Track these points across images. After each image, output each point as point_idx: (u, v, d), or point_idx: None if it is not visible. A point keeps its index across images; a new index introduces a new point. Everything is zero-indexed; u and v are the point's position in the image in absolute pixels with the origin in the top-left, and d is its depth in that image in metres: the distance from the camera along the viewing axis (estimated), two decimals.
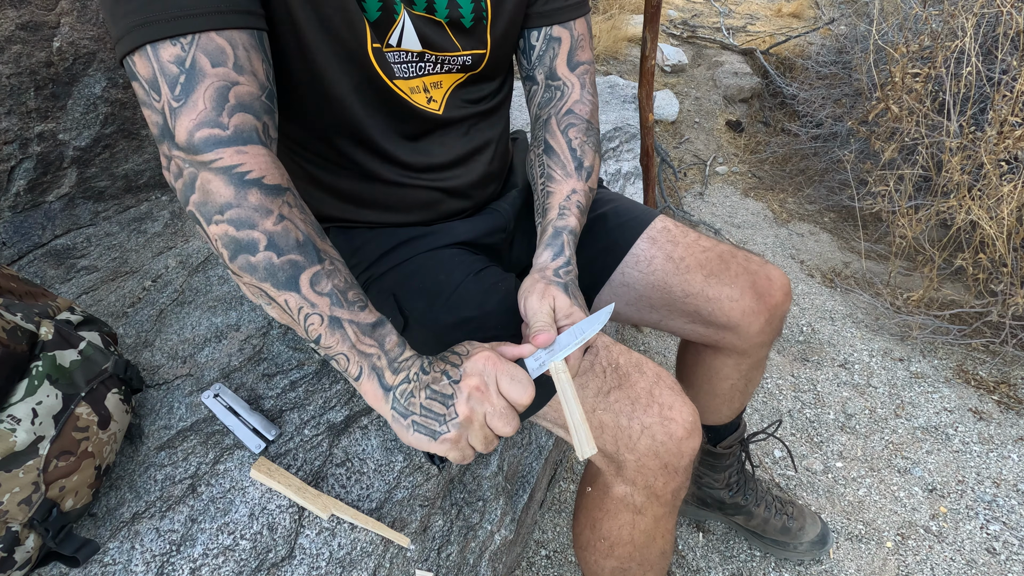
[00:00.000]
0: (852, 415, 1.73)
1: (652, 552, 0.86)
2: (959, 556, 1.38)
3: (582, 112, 0.89)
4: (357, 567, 0.80)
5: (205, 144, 0.58)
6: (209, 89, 0.58)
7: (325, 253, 0.62)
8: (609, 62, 3.46)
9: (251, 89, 0.60)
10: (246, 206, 0.58)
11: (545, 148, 0.88)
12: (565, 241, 0.79)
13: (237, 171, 0.58)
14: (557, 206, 0.83)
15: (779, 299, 0.97)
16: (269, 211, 0.59)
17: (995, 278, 1.88)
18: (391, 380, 0.62)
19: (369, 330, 0.63)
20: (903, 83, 2.08)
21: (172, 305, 1.12)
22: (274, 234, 0.59)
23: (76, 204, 1.22)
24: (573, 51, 0.90)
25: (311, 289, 0.60)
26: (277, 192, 0.60)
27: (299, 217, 0.62)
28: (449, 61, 0.81)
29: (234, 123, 0.59)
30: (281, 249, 0.59)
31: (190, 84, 0.58)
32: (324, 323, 0.61)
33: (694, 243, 0.98)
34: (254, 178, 0.59)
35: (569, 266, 0.77)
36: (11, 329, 0.69)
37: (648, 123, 1.99)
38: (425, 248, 0.88)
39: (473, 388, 0.60)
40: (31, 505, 0.67)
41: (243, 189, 0.58)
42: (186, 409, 0.93)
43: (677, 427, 0.75)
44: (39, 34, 1.07)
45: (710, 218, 2.66)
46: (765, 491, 1.37)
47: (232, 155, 0.58)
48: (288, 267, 0.59)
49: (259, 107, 0.61)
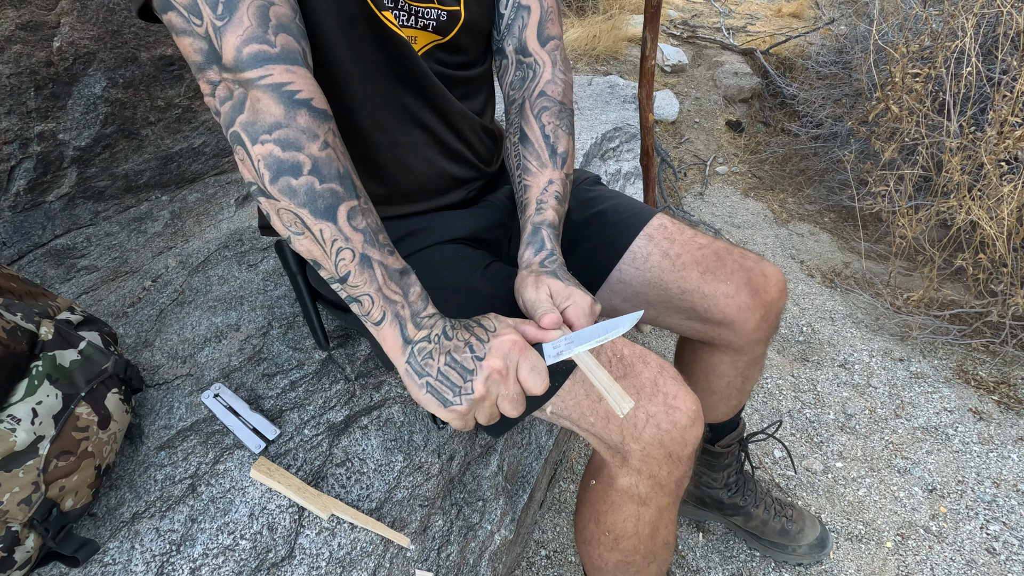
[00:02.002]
0: (852, 415, 1.73)
1: (656, 543, 0.86)
2: (959, 556, 1.38)
3: (554, 93, 0.88)
4: (357, 567, 0.80)
5: (255, 60, 0.58)
6: (251, 7, 0.58)
7: (361, 191, 0.63)
8: (609, 62, 3.46)
9: (287, 11, 0.61)
10: (295, 127, 0.58)
11: (520, 136, 0.87)
12: (544, 236, 0.79)
13: (287, 89, 0.58)
14: (535, 201, 0.83)
15: (775, 295, 0.98)
16: (316, 135, 0.59)
17: (995, 278, 1.88)
18: (412, 334, 0.62)
19: (397, 276, 0.63)
20: (903, 83, 2.08)
21: (172, 305, 1.12)
22: (319, 159, 0.59)
23: (76, 204, 1.22)
24: (543, 23, 0.89)
25: (347, 222, 0.60)
26: (324, 118, 0.60)
27: (341, 149, 0.62)
28: (423, 15, 0.79)
29: (280, 42, 0.59)
30: (324, 176, 0.59)
31: (231, 5, 0.58)
32: (355, 259, 0.61)
33: (690, 240, 0.98)
34: (304, 99, 0.59)
35: (553, 256, 0.78)
36: (11, 329, 0.69)
37: (648, 123, 1.99)
38: (428, 243, 0.87)
39: (495, 370, 0.61)
40: (31, 505, 0.67)
41: (293, 109, 0.58)
42: (186, 409, 0.93)
43: (681, 415, 0.76)
44: (39, 34, 1.07)
45: (710, 218, 2.66)
46: (765, 492, 1.37)
47: (282, 72, 0.59)
48: (328, 195, 0.59)
49: (297, 31, 0.62)
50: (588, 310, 0.70)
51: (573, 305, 0.69)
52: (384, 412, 0.97)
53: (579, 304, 0.70)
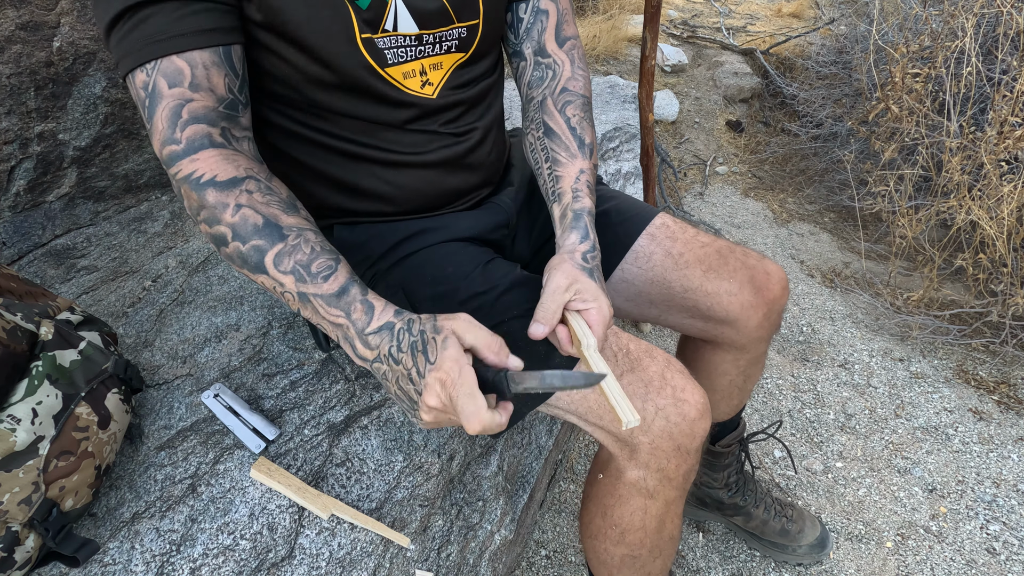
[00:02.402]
0: (852, 415, 1.73)
1: (662, 537, 0.87)
2: (959, 556, 1.38)
3: (576, 88, 0.90)
4: (357, 567, 0.80)
5: (170, 160, 0.65)
6: (165, 110, 0.64)
7: (290, 228, 0.65)
8: (609, 62, 3.46)
9: (206, 103, 0.65)
10: (208, 206, 0.64)
11: (545, 130, 0.88)
12: (587, 223, 0.80)
13: (193, 177, 0.64)
14: (570, 189, 0.83)
15: (777, 293, 0.98)
16: (226, 205, 0.64)
17: (995, 278, 1.88)
18: (365, 353, 0.64)
19: (335, 300, 0.64)
20: (903, 83, 2.08)
21: (172, 305, 1.12)
22: (234, 225, 0.64)
23: (76, 204, 1.22)
24: (560, 25, 0.91)
25: (276, 269, 0.64)
26: (232, 185, 0.64)
27: (259, 200, 0.65)
28: (446, 38, 0.80)
29: (186, 136, 0.64)
30: (244, 237, 0.63)
31: (152, 107, 0.64)
32: (296, 299, 0.65)
33: (693, 239, 0.98)
34: (207, 180, 0.64)
35: (595, 251, 0.79)
36: (11, 329, 0.69)
37: (648, 123, 1.99)
38: (431, 242, 0.88)
39: (431, 408, 0.60)
40: (31, 505, 0.67)
41: (202, 192, 0.64)
42: (186, 409, 0.93)
43: (690, 408, 0.76)
44: (39, 34, 1.07)
45: (710, 218, 2.66)
46: (765, 492, 1.37)
47: (187, 165, 0.64)
48: (254, 252, 0.64)
49: (214, 116, 0.66)
50: (608, 320, 0.71)
51: (597, 310, 0.70)
52: (384, 412, 0.97)
53: (603, 310, 0.71)
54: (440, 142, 0.85)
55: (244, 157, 0.67)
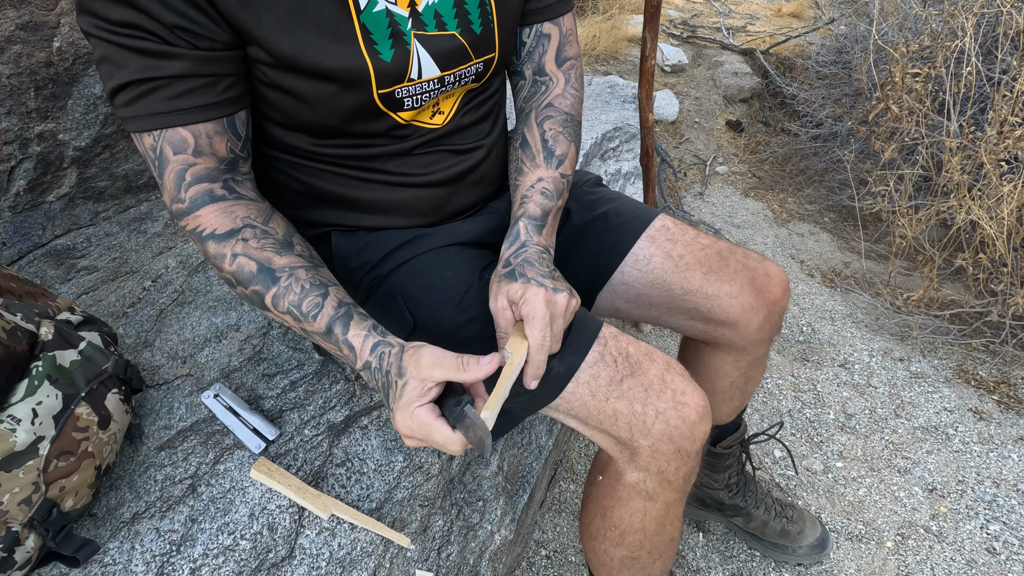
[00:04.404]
0: (852, 415, 1.73)
1: (662, 539, 0.87)
2: (959, 556, 1.38)
3: (561, 105, 0.90)
4: (357, 567, 0.80)
5: (178, 216, 0.71)
6: (171, 173, 0.69)
7: (282, 269, 0.70)
8: (609, 62, 3.46)
9: (208, 165, 0.70)
10: (211, 256, 0.70)
11: (521, 142, 0.90)
12: (520, 227, 0.81)
13: (197, 231, 0.70)
14: (519, 198, 0.85)
15: (778, 295, 0.98)
16: (223, 255, 0.69)
17: (995, 278, 1.88)
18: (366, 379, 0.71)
19: (325, 338, 0.70)
20: (903, 83, 2.08)
21: (172, 305, 1.12)
22: (233, 272, 0.70)
23: (76, 204, 1.22)
24: (561, 47, 0.91)
25: (276, 311, 0.70)
26: (228, 237, 0.70)
27: (254, 247, 0.70)
28: (465, 74, 0.81)
29: (189, 195, 0.69)
30: (244, 283, 0.70)
31: (161, 168, 0.69)
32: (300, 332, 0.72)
33: (693, 241, 0.98)
34: (208, 233, 0.70)
35: (524, 247, 0.79)
36: (11, 329, 0.69)
37: (648, 123, 1.99)
38: (428, 247, 0.88)
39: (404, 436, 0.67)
40: (31, 505, 0.67)
41: (204, 244, 0.70)
42: (186, 409, 0.93)
43: (690, 411, 0.76)
44: (39, 34, 1.07)
45: (710, 218, 2.66)
46: (765, 493, 1.37)
47: (191, 220, 0.70)
48: (255, 296, 0.70)
49: (216, 174, 0.71)
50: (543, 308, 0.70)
51: (526, 304, 0.71)
52: (384, 412, 0.97)
53: (531, 302, 0.71)
54: (447, 161, 0.86)
55: (243, 205, 0.71)
